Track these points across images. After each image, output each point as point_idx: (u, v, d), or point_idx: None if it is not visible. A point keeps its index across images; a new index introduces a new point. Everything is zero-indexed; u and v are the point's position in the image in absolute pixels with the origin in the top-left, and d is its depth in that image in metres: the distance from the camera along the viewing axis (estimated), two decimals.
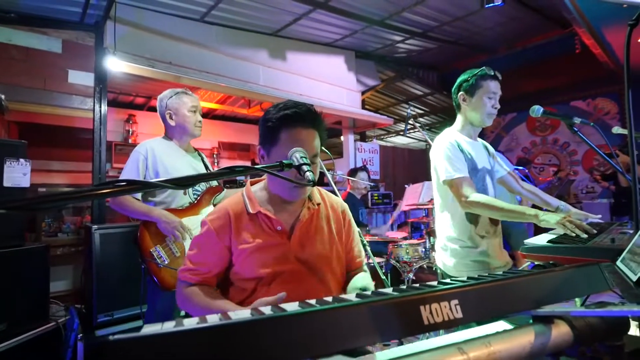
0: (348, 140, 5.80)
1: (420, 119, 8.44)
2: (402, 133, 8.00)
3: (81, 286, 2.86)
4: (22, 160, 2.27)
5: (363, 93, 5.90)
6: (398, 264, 2.88)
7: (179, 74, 3.47)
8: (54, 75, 3.20)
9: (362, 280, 1.17)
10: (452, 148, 1.60)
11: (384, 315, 0.44)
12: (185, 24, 3.96)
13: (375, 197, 5.10)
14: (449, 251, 1.66)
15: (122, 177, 1.71)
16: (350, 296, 0.50)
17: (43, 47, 3.14)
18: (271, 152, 1.06)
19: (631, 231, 1.18)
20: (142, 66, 3.19)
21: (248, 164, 7.19)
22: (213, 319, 0.42)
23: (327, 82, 5.22)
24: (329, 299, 0.49)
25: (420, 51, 5.83)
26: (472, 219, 1.61)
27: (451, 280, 0.58)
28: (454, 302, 0.48)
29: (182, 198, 1.76)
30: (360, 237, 1.90)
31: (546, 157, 6.51)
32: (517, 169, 3.74)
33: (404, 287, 0.52)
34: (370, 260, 1.99)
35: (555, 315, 0.51)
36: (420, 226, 4.20)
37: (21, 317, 2.06)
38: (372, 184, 3.79)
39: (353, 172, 3.73)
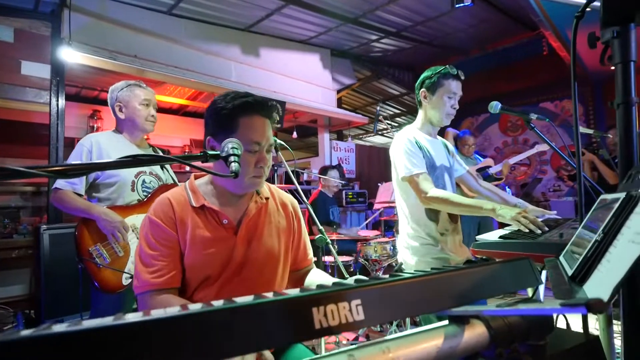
0: (324, 138, 5.76)
1: (398, 119, 8.51)
2: (375, 132, 8.02)
3: (32, 291, 2.69)
4: None
5: (339, 92, 5.87)
6: (367, 262, 2.85)
7: (143, 67, 3.34)
8: (6, 66, 3.00)
9: (321, 277, 1.15)
10: (411, 144, 1.58)
11: (265, 319, 0.38)
12: (152, 16, 3.81)
13: (350, 196, 5.08)
14: (410, 249, 1.63)
15: None
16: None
17: None
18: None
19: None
20: (101, 58, 3.04)
21: None
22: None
23: (302, 79, 5.16)
24: (219, 302, 0.43)
25: (396, 51, 5.85)
26: (432, 216, 1.59)
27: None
28: (356, 302, 0.43)
29: (130, 195, 1.66)
30: (323, 234, 1.86)
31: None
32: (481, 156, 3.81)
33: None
34: (329, 260, 1.95)
35: (470, 315, 0.46)
36: (392, 224, 4.21)
37: None
38: (343, 182, 3.76)
39: (324, 170, 3.68)
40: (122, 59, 3.30)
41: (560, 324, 0.70)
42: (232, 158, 0.78)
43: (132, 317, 0.33)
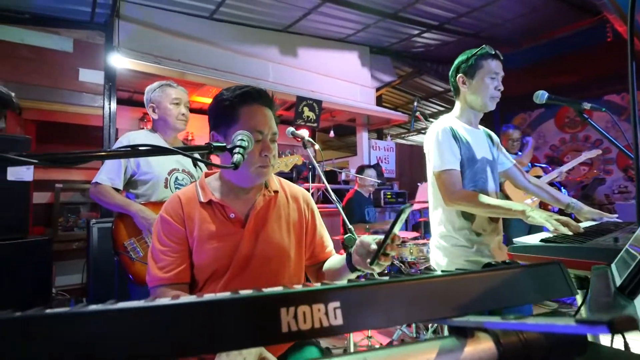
0: (362, 137, 5.66)
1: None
2: (411, 130, 7.74)
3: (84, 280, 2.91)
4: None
5: (378, 89, 5.74)
6: (402, 265, 2.74)
7: (185, 71, 3.49)
8: (65, 74, 3.29)
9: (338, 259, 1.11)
10: (445, 135, 1.46)
11: (219, 318, 0.34)
12: (195, 21, 3.98)
13: (389, 196, 4.93)
14: (441, 250, 1.52)
15: (102, 169, 1.69)
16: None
17: (55, 46, 3.24)
18: (228, 133, 0.99)
19: None
20: (146, 63, 3.22)
21: None
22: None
23: (340, 78, 5.11)
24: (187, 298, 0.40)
25: (438, 45, 5.59)
26: (467, 214, 1.47)
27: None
28: (334, 305, 0.37)
29: (163, 191, 1.72)
30: (352, 234, 1.79)
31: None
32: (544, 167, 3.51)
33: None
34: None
35: (474, 327, 0.39)
36: None
37: (23, 309, 2.10)
38: (379, 181, 3.65)
39: (360, 170, 3.60)
40: (166, 63, 3.48)
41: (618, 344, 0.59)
42: (236, 149, 0.76)
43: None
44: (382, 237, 0.86)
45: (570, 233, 1.10)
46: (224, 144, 0.76)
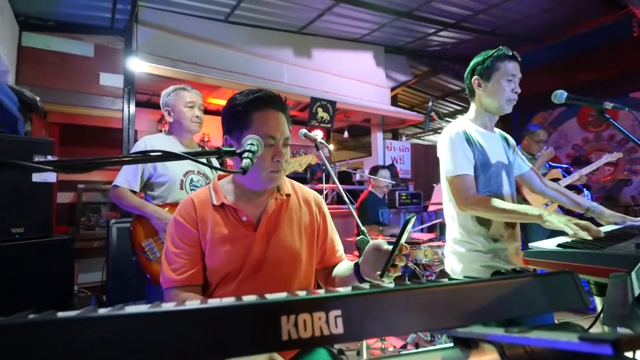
0: (377, 138, 5.62)
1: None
2: (426, 130, 7.61)
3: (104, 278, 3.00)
4: (49, 156, 2.41)
5: (393, 89, 5.69)
6: (417, 267, 2.70)
7: (201, 73, 3.55)
8: (87, 78, 3.40)
9: (347, 265, 1.11)
10: (458, 139, 1.43)
11: (226, 325, 0.35)
12: (210, 24, 4.05)
13: (404, 197, 4.87)
14: (456, 255, 1.49)
15: (121, 173, 1.74)
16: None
17: (77, 52, 3.35)
18: (241, 138, 1.00)
19: None
20: (163, 66, 3.29)
21: None
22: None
23: (354, 78, 5.09)
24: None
25: (455, 43, 5.49)
26: (483, 220, 1.43)
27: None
28: (335, 313, 0.37)
29: (179, 193, 1.75)
30: (365, 235, 1.78)
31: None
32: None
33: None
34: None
35: (478, 337, 0.38)
36: None
37: (47, 305, 2.18)
38: (393, 182, 3.61)
39: (374, 170, 3.58)
40: (182, 67, 3.55)
41: None
42: (245, 154, 0.77)
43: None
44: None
45: (590, 238, 1.06)
46: (234, 149, 0.77)
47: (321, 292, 0.39)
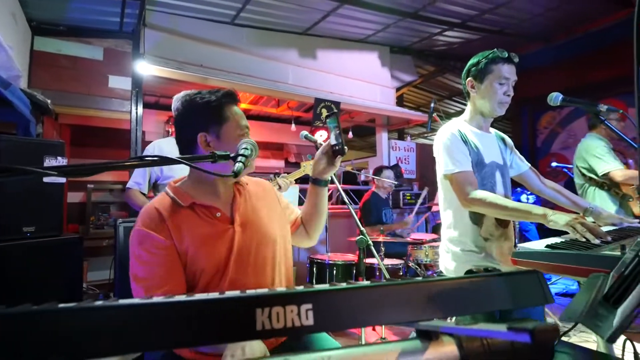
0: (382, 138, 5.63)
1: (450, 120, 7.93)
2: (429, 130, 7.59)
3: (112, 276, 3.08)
4: (59, 158, 2.48)
5: (398, 89, 5.69)
6: (418, 267, 2.73)
7: (207, 76, 3.61)
8: (97, 81, 3.49)
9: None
10: (454, 139, 1.46)
11: (206, 316, 0.39)
12: (217, 27, 4.11)
13: (408, 197, 4.89)
14: (450, 254, 1.52)
15: (133, 175, 1.81)
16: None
17: (87, 55, 3.44)
18: (222, 131, 1.05)
19: None
20: (169, 69, 3.36)
21: (282, 162, 7.23)
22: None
23: (359, 79, 5.11)
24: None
25: (462, 43, 5.48)
26: (476, 219, 1.46)
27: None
28: (306, 307, 0.41)
29: None
30: (364, 235, 1.81)
31: None
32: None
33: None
34: (374, 262, 1.89)
35: (434, 330, 0.41)
36: None
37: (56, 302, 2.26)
38: (396, 182, 3.63)
39: (378, 171, 3.60)
40: (189, 69, 3.61)
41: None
42: (239, 158, 0.81)
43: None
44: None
45: (597, 241, 1.04)
46: (228, 153, 0.81)
47: (299, 288, 0.43)
